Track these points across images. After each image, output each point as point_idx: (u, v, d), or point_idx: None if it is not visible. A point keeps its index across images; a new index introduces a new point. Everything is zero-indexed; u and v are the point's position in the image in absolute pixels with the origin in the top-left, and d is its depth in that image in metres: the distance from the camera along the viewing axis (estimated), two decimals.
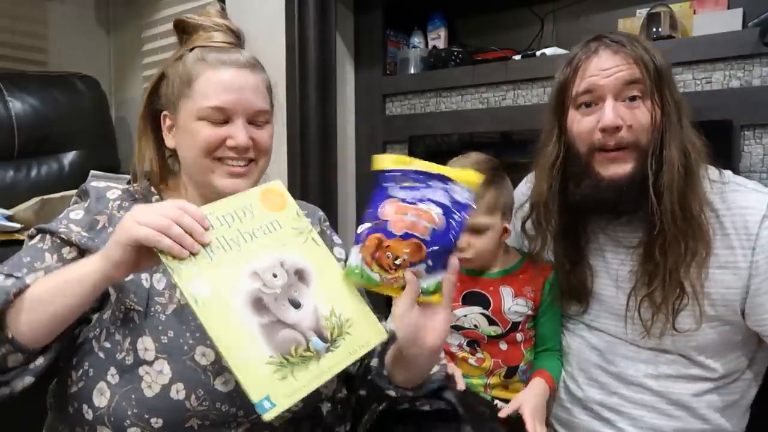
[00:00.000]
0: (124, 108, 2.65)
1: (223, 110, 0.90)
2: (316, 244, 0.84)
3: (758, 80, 1.36)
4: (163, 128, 0.96)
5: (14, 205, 1.75)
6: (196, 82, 0.90)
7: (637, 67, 0.97)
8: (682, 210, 0.96)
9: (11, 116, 2.03)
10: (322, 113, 1.95)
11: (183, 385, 0.81)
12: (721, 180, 1.02)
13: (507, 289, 1.16)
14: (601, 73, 0.98)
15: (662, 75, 0.99)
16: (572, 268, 1.10)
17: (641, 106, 0.98)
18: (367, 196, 0.83)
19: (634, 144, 0.98)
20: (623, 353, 1.08)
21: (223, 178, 0.91)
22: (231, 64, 0.91)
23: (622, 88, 0.98)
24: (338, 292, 0.80)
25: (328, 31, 1.95)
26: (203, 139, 0.90)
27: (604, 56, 0.99)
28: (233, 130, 0.90)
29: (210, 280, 0.73)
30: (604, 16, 1.78)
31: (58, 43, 2.50)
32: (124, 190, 0.96)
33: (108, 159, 2.25)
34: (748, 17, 1.43)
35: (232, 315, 0.72)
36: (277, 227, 0.81)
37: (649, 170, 0.97)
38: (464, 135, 1.86)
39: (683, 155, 0.97)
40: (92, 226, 0.90)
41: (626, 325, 1.06)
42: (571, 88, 1.02)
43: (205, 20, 0.96)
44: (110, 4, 2.69)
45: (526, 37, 1.91)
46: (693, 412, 1.04)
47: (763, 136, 1.37)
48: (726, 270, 0.99)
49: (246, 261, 0.76)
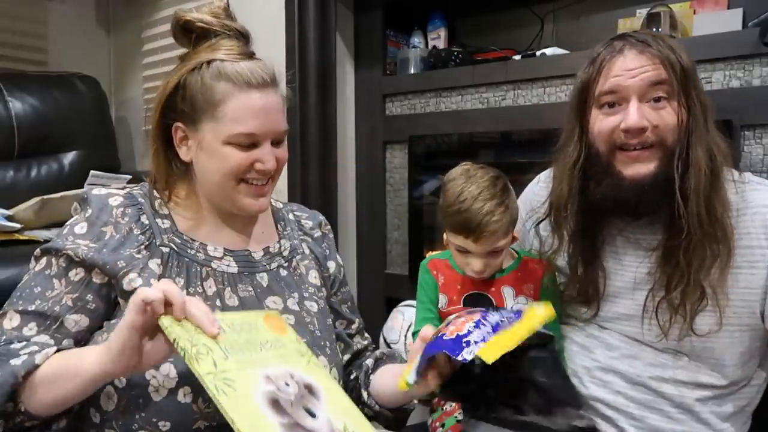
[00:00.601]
0: (124, 108, 2.65)
1: (254, 136, 0.90)
2: (317, 366, 0.84)
3: (758, 80, 1.36)
4: (174, 139, 0.94)
5: (14, 205, 1.75)
6: (224, 105, 0.88)
7: (663, 68, 0.95)
8: (708, 213, 0.94)
9: (11, 116, 2.03)
10: (322, 113, 1.95)
11: (190, 389, 0.82)
12: (741, 180, 1.01)
13: (508, 289, 1.15)
14: (626, 73, 0.96)
15: (688, 75, 0.96)
16: (585, 270, 1.08)
17: (667, 107, 0.96)
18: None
19: (660, 143, 0.96)
20: (634, 354, 1.06)
21: (248, 198, 0.93)
22: (258, 85, 0.90)
23: (647, 89, 0.95)
24: (347, 410, 0.79)
25: (328, 31, 1.95)
26: (234, 165, 0.90)
27: (630, 56, 0.96)
28: (261, 154, 0.91)
29: (227, 374, 0.71)
30: (604, 16, 1.78)
31: (58, 43, 2.51)
32: (126, 195, 0.95)
33: (108, 159, 2.25)
34: (748, 17, 1.43)
35: (252, 406, 0.69)
36: (281, 345, 0.81)
37: (675, 172, 0.94)
38: (464, 135, 1.86)
39: (709, 157, 0.95)
40: (100, 237, 0.89)
41: (642, 327, 1.04)
42: (594, 88, 0.99)
43: (213, 21, 0.93)
44: (110, 4, 2.70)
45: (526, 37, 1.91)
46: (697, 416, 1.03)
47: (763, 136, 1.36)
48: (745, 270, 0.97)
49: (259, 365, 0.75)
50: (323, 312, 1.00)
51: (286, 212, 1.09)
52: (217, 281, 0.92)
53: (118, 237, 0.89)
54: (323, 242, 1.09)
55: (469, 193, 1.05)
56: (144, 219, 0.92)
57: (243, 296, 0.93)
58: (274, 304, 0.94)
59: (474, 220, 1.03)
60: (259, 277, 0.96)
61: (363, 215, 2.15)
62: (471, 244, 1.06)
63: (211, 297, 0.90)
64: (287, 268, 1.00)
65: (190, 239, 0.94)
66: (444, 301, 1.16)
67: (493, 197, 1.05)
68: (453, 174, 1.11)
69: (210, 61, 0.90)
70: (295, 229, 1.07)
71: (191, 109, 0.90)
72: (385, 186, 2.09)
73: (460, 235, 1.06)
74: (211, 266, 0.93)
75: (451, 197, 1.06)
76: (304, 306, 0.97)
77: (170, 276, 0.89)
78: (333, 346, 0.97)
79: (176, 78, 0.91)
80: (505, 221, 1.06)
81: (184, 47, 0.96)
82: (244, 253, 0.97)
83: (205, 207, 0.96)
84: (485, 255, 1.08)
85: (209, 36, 0.93)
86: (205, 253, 0.94)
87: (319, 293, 1.02)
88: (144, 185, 0.98)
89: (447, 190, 1.08)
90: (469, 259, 1.09)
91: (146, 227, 0.91)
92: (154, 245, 0.90)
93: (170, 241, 0.92)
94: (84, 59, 2.53)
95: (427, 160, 1.97)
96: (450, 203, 1.06)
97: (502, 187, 1.07)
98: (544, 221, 1.12)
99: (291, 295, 0.97)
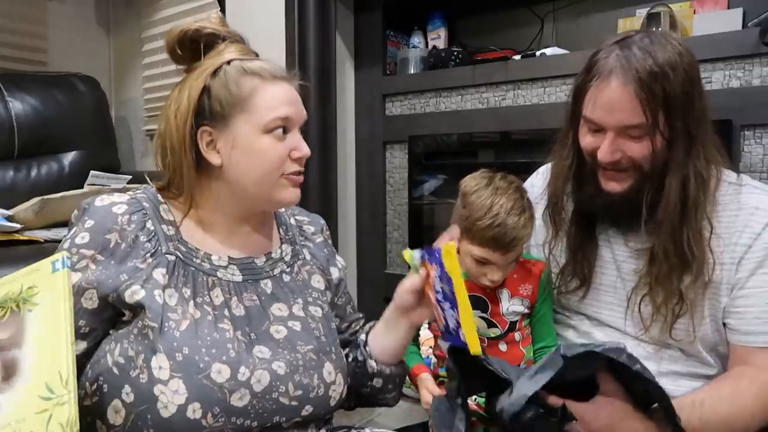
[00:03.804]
0: (124, 108, 2.66)
1: (289, 120, 0.93)
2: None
3: (758, 80, 1.36)
4: (200, 144, 0.91)
5: (14, 205, 1.74)
6: (254, 97, 0.90)
7: (640, 107, 0.94)
8: (675, 247, 0.97)
9: (11, 116, 2.03)
10: (322, 113, 1.95)
11: (199, 404, 0.80)
12: (738, 182, 1.02)
13: (503, 290, 1.15)
14: (605, 108, 0.97)
15: (675, 107, 0.95)
16: (581, 247, 1.10)
17: (644, 140, 0.96)
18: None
19: (634, 168, 0.99)
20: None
21: (288, 189, 0.95)
22: (282, 77, 0.94)
23: (622, 129, 0.97)
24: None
25: (328, 31, 1.95)
26: (276, 157, 0.91)
27: (614, 85, 0.95)
28: (294, 141, 0.94)
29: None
30: (604, 16, 1.79)
31: (58, 43, 2.51)
32: (129, 201, 0.92)
33: (108, 159, 2.25)
34: (748, 17, 1.43)
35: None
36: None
37: (645, 196, 0.98)
38: (464, 135, 1.86)
39: (683, 188, 0.96)
40: (105, 246, 0.87)
41: (625, 319, 1.07)
42: (583, 104, 1.00)
43: (219, 28, 0.94)
44: (110, 4, 2.70)
45: (526, 37, 1.92)
46: None
47: (763, 136, 1.37)
48: (728, 266, 1.00)
49: None
50: (327, 317, 1.00)
51: (288, 217, 1.08)
52: (224, 290, 0.91)
53: (125, 246, 0.87)
54: (324, 247, 1.09)
55: (501, 207, 1.02)
56: (149, 225, 0.91)
57: (248, 305, 0.92)
58: (280, 311, 0.93)
59: (509, 235, 1.01)
60: (263, 284, 0.95)
61: (363, 215, 2.15)
62: (497, 257, 1.04)
63: (219, 307, 0.89)
64: (290, 273, 0.99)
65: (194, 248, 0.93)
66: None
67: (524, 210, 1.03)
68: (474, 184, 1.07)
69: (229, 61, 0.91)
70: (297, 234, 1.06)
71: (221, 107, 0.90)
72: (385, 186, 2.09)
73: (486, 248, 1.04)
74: (217, 275, 0.92)
75: (480, 210, 1.03)
76: (309, 311, 0.97)
77: (176, 285, 0.87)
78: (338, 351, 0.97)
79: (200, 81, 0.90)
80: (531, 231, 1.06)
81: (180, 63, 0.95)
82: (246, 260, 0.96)
83: (222, 212, 0.95)
84: (506, 266, 1.07)
85: (216, 43, 0.93)
86: (210, 263, 0.92)
87: (323, 297, 1.02)
88: (147, 189, 0.96)
89: (471, 203, 1.04)
90: (487, 269, 1.07)
91: (152, 233, 0.90)
92: (159, 252, 0.89)
93: (176, 249, 0.91)
94: (84, 59, 2.53)
95: (427, 160, 1.97)
96: (479, 216, 1.02)
97: (527, 197, 1.06)
98: (544, 212, 1.15)
99: (296, 300, 0.96)
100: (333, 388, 0.92)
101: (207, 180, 0.94)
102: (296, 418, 0.88)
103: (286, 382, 0.86)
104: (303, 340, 0.92)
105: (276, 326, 0.91)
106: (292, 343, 0.90)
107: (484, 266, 1.07)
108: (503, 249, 1.04)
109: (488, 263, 1.07)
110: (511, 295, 1.15)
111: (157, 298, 0.85)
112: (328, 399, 0.91)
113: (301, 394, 0.87)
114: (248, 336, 0.88)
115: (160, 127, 0.93)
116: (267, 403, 0.84)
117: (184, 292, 0.88)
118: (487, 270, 1.08)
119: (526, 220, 1.03)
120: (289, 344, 0.90)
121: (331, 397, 0.92)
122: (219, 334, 0.85)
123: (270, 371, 0.85)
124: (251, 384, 0.83)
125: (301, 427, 0.91)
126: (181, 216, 0.94)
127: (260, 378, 0.84)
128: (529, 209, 1.05)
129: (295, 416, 0.88)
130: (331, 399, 0.92)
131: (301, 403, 0.87)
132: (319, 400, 0.90)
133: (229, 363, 0.83)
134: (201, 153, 0.91)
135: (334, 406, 0.94)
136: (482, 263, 1.07)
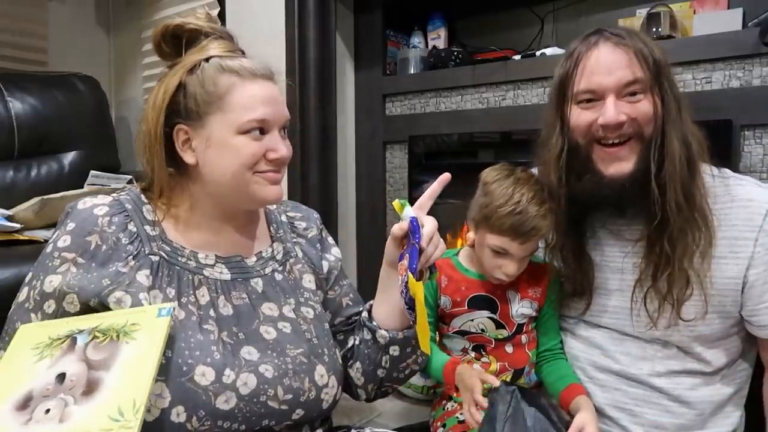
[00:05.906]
0: (124, 108, 2.65)
1: (265, 122, 0.88)
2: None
3: (758, 80, 1.36)
4: (176, 143, 0.90)
5: (14, 205, 1.74)
6: (231, 95, 0.87)
7: (636, 61, 0.98)
8: (686, 200, 0.97)
9: (11, 116, 2.03)
10: (322, 113, 1.95)
11: (183, 408, 0.79)
12: (721, 175, 1.05)
13: (512, 291, 1.15)
14: (601, 70, 0.99)
15: (661, 68, 0.99)
16: (576, 263, 1.10)
17: (643, 99, 0.99)
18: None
19: (637, 135, 0.99)
20: (625, 350, 1.09)
21: (266, 187, 0.90)
22: (262, 75, 0.90)
23: (622, 88, 0.98)
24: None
25: (328, 31, 1.95)
26: (249, 154, 0.87)
27: (604, 50, 0.99)
28: (272, 143, 0.89)
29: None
30: (604, 16, 1.78)
31: (58, 43, 2.50)
32: (111, 202, 0.91)
33: (108, 159, 2.25)
34: (748, 17, 1.43)
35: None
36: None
37: (651, 162, 0.98)
38: (464, 135, 1.86)
39: (685, 146, 0.98)
40: (85, 248, 0.86)
41: (632, 318, 1.06)
42: (572, 84, 1.02)
43: (202, 24, 0.92)
44: (110, 4, 2.70)
45: (526, 37, 1.92)
46: (692, 407, 1.05)
47: (763, 136, 1.37)
48: (730, 260, 1.01)
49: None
50: (320, 317, 0.98)
51: (279, 214, 1.07)
52: (210, 289, 0.89)
53: (105, 249, 0.86)
54: (318, 242, 1.07)
55: (523, 195, 1.04)
56: (131, 226, 0.89)
57: (237, 304, 0.90)
58: (270, 311, 0.92)
59: (529, 223, 1.02)
60: (253, 282, 0.94)
61: (363, 215, 2.15)
62: (515, 246, 1.05)
63: (205, 306, 0.88)
64: (282, 272, 0.98)
65: (180, 247, 0.91)
66: (448, 303, 1.16)
67: (545, 201, 1.05)
68: (494, 175, 1.10)
69: (207, 58, 0.89)
70: (288, 231, 1.05)
71: (196, 105, 0.88)
72: (385, 186, 2.09)
73: (505, 237, 1.05)
74: (203, 274, 0.90)
75: (502, 198, 1.04)
76: (300, 312, 0.95)
77: (161, 286, 0.86)
78: (331, 353, 0.95)
79: (176, 78, 0.88)
80: (550, 225, 1.06)
81: (166, 60, 0.94)
82: (236, 259, 0.95)
83: (202, 213, 0.93)
84: (521, 259, 1.07)
85: (199, 39, 0.92)
86: (196, 261, 0.91)
87: (315, 297, 1.01)
88: (131, 189, 0.95)
89: (492, 191, 1.06)
90: (504, 261, 1.07)
91: (134, 235, 0.89)
92: (142, 254, 0.87)
93: (160, 249, 0.89)
94: (84, 59, 2.52)
95: (427, 160, 1.97)
96: (500, 204, 1.04)
97: (546, 191, 1.07)
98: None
99: (287, 301, 0.95)
100: (325, 390, 0.91)
101: (185, 180, 0.93)
102: (287, 421, 0.87)
103: (275, 385, 0.85)
104: (293, 344, 0.90)
105: (266, 326, 0.90)
106: (281, 346, 0.89)
107: (501, 258, 1.07)
108: (522, 238, 1.04)
109: (505, 255, 1.07)
110: (520, 297, 1.15)
111: (143, 301, 0.84)
112: (320, 402, 0.90)
113: (291, 398, 0.86)
114: (236, 336, 0.87)
115: (140, 126, 0.92)
116: (255, 407, 0.83)
117: (168, 292, 0.87)
118: (502, 263, 1.08)
119: (546, 211, 1.04)
120: (279, 347, 0.89)
121: (323, 400, 0.91)
122: (203, 335, 0.84)
123: (257, 374, 0.84)
124: (237, 387, 0.82)
125: (294, 429, 0.89)
126: (163, 216, 0.93)
127: (246, 381, 0.83)
128: (549, 202, 1.05)
129: (286, 420, 0.87)
130: (323, 402, 0.91)
131: (292, 407, 0.86)
132: (310, 404, 0.89)
133: (214, 365, 0.82)
134: (177, 152, 0.90)
135: (326, 408, 0.93)
136: (499, 254, 1.07)
